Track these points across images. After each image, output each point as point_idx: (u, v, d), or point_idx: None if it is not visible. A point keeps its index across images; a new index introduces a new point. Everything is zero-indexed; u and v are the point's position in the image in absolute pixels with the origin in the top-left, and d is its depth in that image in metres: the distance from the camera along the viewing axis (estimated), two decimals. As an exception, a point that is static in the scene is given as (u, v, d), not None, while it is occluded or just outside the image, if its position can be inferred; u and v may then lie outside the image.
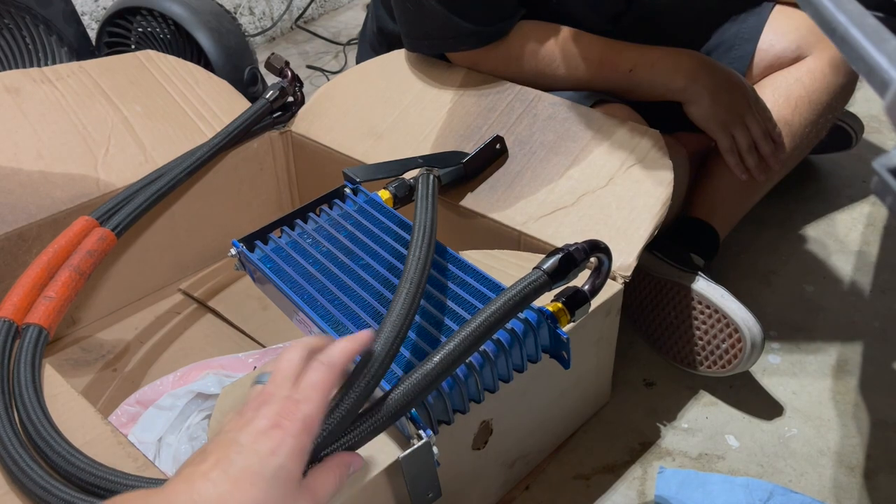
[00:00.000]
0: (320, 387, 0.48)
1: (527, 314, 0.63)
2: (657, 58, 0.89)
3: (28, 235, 0.83)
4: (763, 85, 1.00)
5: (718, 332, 0.83)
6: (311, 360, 0.50)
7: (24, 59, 1.14)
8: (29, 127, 0.90)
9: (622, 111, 0.91)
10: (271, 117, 1.02)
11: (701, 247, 0.93)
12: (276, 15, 1.88)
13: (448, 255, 0.71)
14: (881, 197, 0.30)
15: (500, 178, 0.88)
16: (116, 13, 1.23)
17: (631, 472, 0.80)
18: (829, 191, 1.20)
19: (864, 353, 0.92)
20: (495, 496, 0.76)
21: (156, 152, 0.94)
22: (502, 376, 0.63)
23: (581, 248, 0.61)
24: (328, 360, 0.50)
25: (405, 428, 0.58)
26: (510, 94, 0.94)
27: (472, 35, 0.93)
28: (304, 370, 0.49)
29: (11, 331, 0.69)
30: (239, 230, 0.78)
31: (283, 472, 0.44)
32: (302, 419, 0.46)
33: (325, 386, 0.48)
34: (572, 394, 0.80)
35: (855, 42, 0.32)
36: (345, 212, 0.78)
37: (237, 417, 0.47)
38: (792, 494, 0.74)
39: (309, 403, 0.47)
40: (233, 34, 1.23)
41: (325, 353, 0.50)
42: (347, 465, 0.50)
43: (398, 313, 0.56)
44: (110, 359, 0.89)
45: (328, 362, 0.50)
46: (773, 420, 0.84)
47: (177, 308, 0.97)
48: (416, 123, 0.97)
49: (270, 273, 0.72)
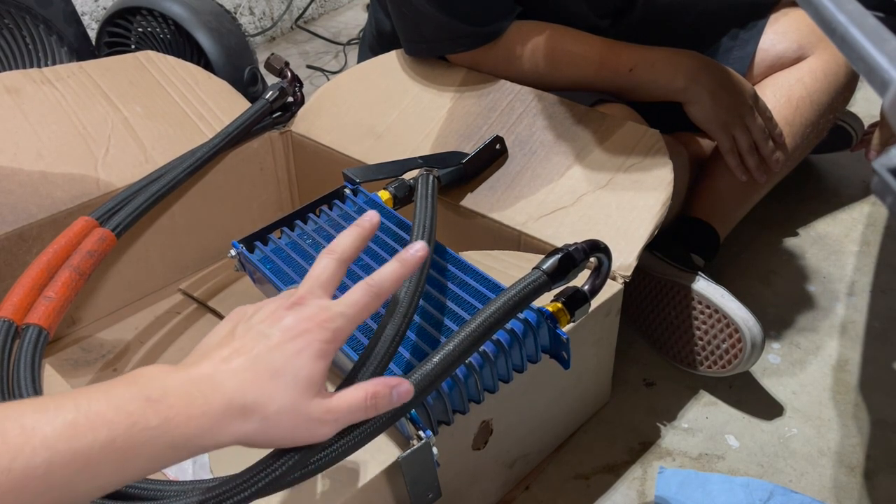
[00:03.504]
0: (360, 307, 0.48)
1: (526, 314, 0.63)
2: (657, 58, 0.89)
3: (28, 235, 0.83)
4: (764, 85, 1.00)
5: (718, 332, 0.83)
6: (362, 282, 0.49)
7: (24, 59, 1.14)
8: (29, 127, 0.90)
9: (622, 111, 0.91)
10: (271, 117, 1.02)
11: (701, 247, 0.93)
12: (276, 15, 1.88)
13: (448, 255, 0.71)
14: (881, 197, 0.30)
15: (500, 178, 0.88)
16: (116, 13, 1.23)
17: (631, 472, 0.80)
18: (829, 191, 1.20)
19: (864, 353, 0.92)
20: (495, 496, 0.76)
21: (156, 152, 0.94)
22: (502, 376, 0.63)
23: (581, 248, 0.61)
24: (377, 286, 0.50)
25: (405, 428, 0.58)
26: (510, 94, 0.94)
27: (467, 36, 0.93)
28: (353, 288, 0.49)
29: (11, 331, 0.69)
30: (239, 230, 0.78)
31: (304, 372, 0.45)
32: (333, 330, 0.46)
33: (365, 308, 0.49)
34: (572, 394, 0.80)
35: (855, 42, 0.32)
36: (344, 212, 0.78)
37: (264, 310, 0.47)
38: (792, 494, 0.74)
39: (342, 319, 0.47)
40: (233, 34, 1.23)
41: (376, 277, 0.50)
42: (388, 387, 0.48)
43: (397, 314, 0.56)
44: (110, 359, 0.89)
45: (376, 287, 0.49)
46: (773, 420, 0.84)
47: (177, 308, 0.97)
48: (416, 123, 0.97)
49: (270, 274, 0.72)
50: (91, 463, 0.38)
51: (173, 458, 0.41)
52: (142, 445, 0.39)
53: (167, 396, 0.41)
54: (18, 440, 0.36)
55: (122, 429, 0.39)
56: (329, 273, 0.50)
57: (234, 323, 0.48)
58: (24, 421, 0.37)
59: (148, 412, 0.40)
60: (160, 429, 0.40)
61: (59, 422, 0.38)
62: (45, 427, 0.37)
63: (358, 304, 0.48)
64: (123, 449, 0.39)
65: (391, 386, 0.49)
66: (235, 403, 0.43)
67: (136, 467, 0.40)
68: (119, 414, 0.39)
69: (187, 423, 0.41)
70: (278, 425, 0.44)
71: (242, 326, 0.47)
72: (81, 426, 0.38)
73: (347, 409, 0.47)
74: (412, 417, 0.57)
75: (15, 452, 0.36)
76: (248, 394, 0.43)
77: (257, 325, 0.46)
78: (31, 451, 0.36)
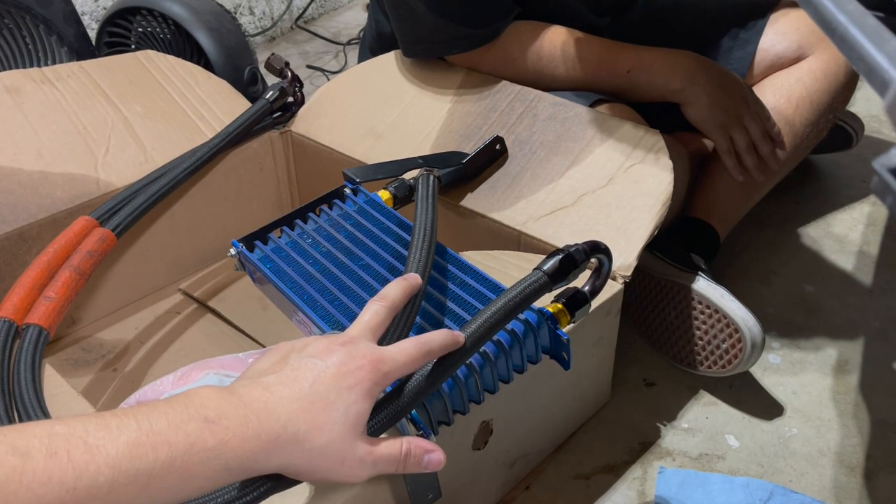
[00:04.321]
0: (410, 357, 0.50)
1: (527, 315, 0.63)
2: (655, 59, 0.89)
3: (28, 235, 0.83)
4: (764, 85, 1.00)
5: (718, 332, 0.83)
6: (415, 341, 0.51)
7: (24, 59, 1.14)
8: (29, 127, 0.90)
9: (622, 111, 0.91)
10: (271, 117, 1.02)
11: (701, 247, 0.93)
12: (276, 15, 1.88)
13: (448, 255, 0.71)
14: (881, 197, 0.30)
15: (500, 179, 0.88)
16: (116, 13, 1.23)
17: (631, 472, 0.80)
18: (829, 191, 1.20)
19: (864, 353, 0.92)
20: (495, 496, 0.76)
21: (156, 152, 0.94)
22: (502, 377, 0.63)
23: (581, 249, 0.61)
24: (427, 346, 0.51)
25: (405, 428, 0.58)
26: (510, 94, 0.94)
27: (463, 38, 0.93)
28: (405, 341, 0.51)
29: (11, 331, 0.69)
30: (239, 230, 0.78)
31: (354, 408, 0.46)
32: (384, 373, 0.48)
33: (414, 361, 0.50)
34: (572, 394, 0.80)
35: (855, 42, 0.32)
36: (345, 212, 0.78)
37: (316, 344, 0.48)
38: (792, 494, 0.74)
39: (393, 365, 0.49)
40: (233, 34, 1.23)
41: (428, 338, 0.52)
42: (423, 451, 0.50)
43: (398, 314, 0.56)
44: (110, 359, 0.89)
45: (427, 346, 0.51)
46: (773, 420, 0.84)
47: (177, 308, 0.97)
48: (416, 123, 0.97)
49: (270, 273, 0.72)
50: (152, 483, 0.39)
51: (227, 479, 0.42)
52: (199, 466, 0.40)
53: (223, 418, 0.42)
54: (83, 458, 0.37)
55: (181, 449, 0.40)
56: (379, 319, 0.52)
57: (285, 353, 0.49)
58: (89, 438, 0.37)
59: (205, 433, 0.41)
60: (216, 450, 0.41)
61: (122, 441, 0.38)
62: (109, 446, 0.38)
63: (408, 353, 0.50)
64: (182, 469, 0.40)
65: (425, 450, 0.51)
66: (289, 430, 0.44)
67: (192, 487, 0.41)
68: (178, 434, 0.40)
69: (241, 446, 0.42)
70: (324, 457, 0.45)
71: (295, 357, 0.48)
72: (143, 446, 0.39)
73: (386, 458, 0.48)
74: (412, 417, 0.57)
75: (80, 471, 0.36)
76: (301, 422, 0.44)
77: (309, 357, 0.47)
78: (95, 470, 0.37)
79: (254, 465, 0.43)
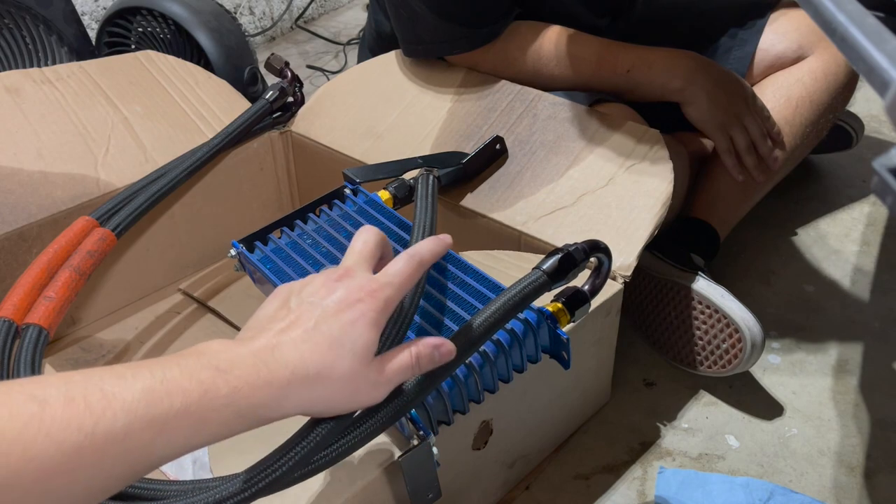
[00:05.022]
0: (405, 277, 0.50)
1: (526, 314, 0.63)
2: (655, 58, 0.89)
3: (28, 235, 0.83)
4: (764, 85, 1.00)
5: (718, 332, 0.83)
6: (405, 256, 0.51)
7: (24, 59, 1.14)
8: (29, 127, 0.90)
9: (622, 111, 0.91)
10: (271, 117, 1.02)
11: (701, 247, 0.93)
12: (276, 15, 1.88)
13: (448, 255, 0.71)
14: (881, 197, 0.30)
15: (500, 178, 0.88)
16: (116, 13, 1.23)
17: (631, 472, 0.80)
18: (829, 191, 1.20)
19: (864, 353, 0.92)
20: (495, 496, 0.76)
21: (156, 152, 0.94)
22: (502, 376, 0.63)
23: (581, 248, 0.61)
24: (417, 255, 0.51)
25: (405, 428, 0.58)
26: (510, 94, 0.94)
27: (463, 38, 0.93)
28: (395, 259, 0.51)
29: (11, 331, 0.69)
30: (239, 230, 0.78)
31: (361, 340, 0.46)
32: (384, 300, 0.48)
33: (409, 277, 0.50)
34: (572, 394, 0.80)
35: (855, 42, 0.32)
36: (345, 212, 0.78)
37: (313, 284, 0.49)
38: (792, 494, 0.74)
39: (391, 288, 0.49)
40: (233, 34, 1.23)
41: (417, 248, 0.52)
42: (431, 348, 0.50)
43: (399, 313, 0.56)
44: (110, 359, 0.89)
45: (417, 257, 0.51)
46: (773, 420, 0.84)
47: (177, 308, 0.97)
48: (416, 123, 0.97)
49: (270, 274, 0.72)
50: (167, 428, 0.39)
51: (241, 426, 0.43)
52: (213, 413, 0.41)
53: (234, 367, 0.42)
54: (100, 405, 0.37)
55: (195, 396, 0.40)
56: (371, 246, 0.52)
57: (285, 297, 0.49)
58: (105, 386, 0.38)
59: (218, 381, 0.41)
60: (229, 398, 0.41)
61: (137, 388, 0.39)
62: (125, 393, 0.38)
63: (403, 274, 0.50)
64: (196, 415, 0.40)
65: (434, 346, 0.50)
66: (299, 373, 0.44)
67: (207, 433, 0.41)
68: (192, 382, 0.41)
69: (253, 393, 0.42)
70: (340, 391, 0.46)
71: (295, 300, 0.48)
72: (158, 392, 0.39)
73: (398, 370, 0.49)
74: (412, 417, 0.57)
75: (97, 417, 0.37)
76: (310, 364, 0.44)
77: (309, 297, 0.48)
78: (112, 416, 0.37)
79: (267, 413, 0.44)
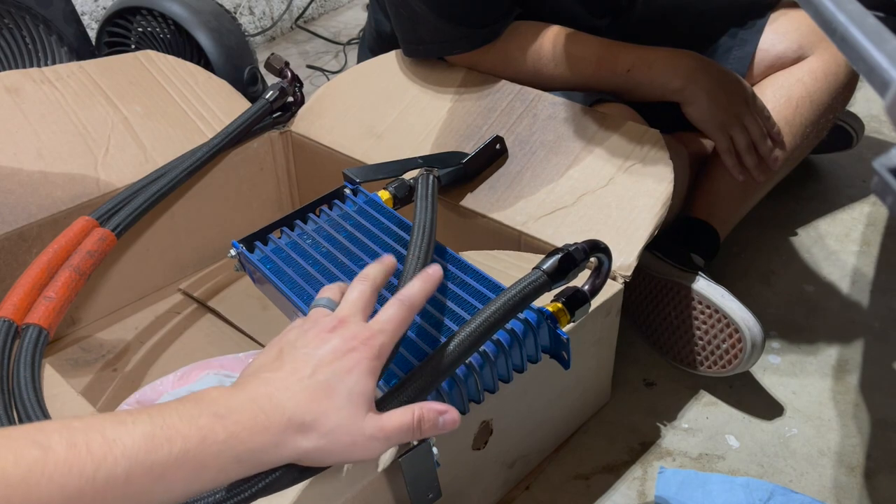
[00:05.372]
0: (396, 323, 0.51)
1: (526, 314, 0.63)
2: (655, 58, 0.89)
3: (28, 235, 0.83)
4: (764, 85, 1.00)
5: (719, 332, 0.83)
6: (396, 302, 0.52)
7: (24, 59, 1.14)
8: (29, 127, 0.90)
9: (622, 111, 0.91)
10: (271, 117, 1.02)
11: (701, 247, 0.93)
12: (276, 15, 1.88)
13: (448, 255, 0.71)
14: (881, 197, 0.30)
15: (500, 178, 0.88)
16: (116, 13, 1.23)
17: (631, 472, 0.80)
18: (829, 191, 1.20)
19: (864, 353, 0.92)
20: (495, 496, 0.76)
21: (156, 152, 0.94)
22: (502, 376, 0.63)
23: (581, 248, 0.61)
24: (407, 300, 0.52)
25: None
26: (510, 94, 0.94)
27: (463, 38, 0.93)
28: (386, 305, 0.51)
29: (11, 331, 0.69)
30: (239, 230, 0.78)
31: (357, 389, 0.47)
32: (378, 347, 0.49)
33: (401, 322, 0.51)
34: (572, 394, 0.80)
35: (855, 42, 0.32)
36: (344, 212, 0.78)
37: (308, 334, 0.49)
38: (792, 494, 0.74)
39: (384, 336, 0.49)
40: (233, 34, 1.23)
41: (404, 291, 0.53)
42: (436, 413, 0.50)
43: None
44: (110, 359, 0.89)
45: (408, 302, 0.52)
46: (773, 420, 0.84)
47: (177, 308, 0.97)
48: (416, 123, 0.97)
49: (270, 274, 0.72)
50: (167, 474, 0.40)
51: (239, 471, 0.44)
52: (211, 458, 0.42)
53: (232, 413, 0.43)
54: (101, 450, 0.38)
55: (194, 442, 0.41)
56: (366, 298, 0.53)
57: (280, 347, 0.50)
58: (106, 432, 0.39)
59: (216, 427, 0.42)
60: (227, 443, 0.42)
61: (137, 433, 0.40)
62: (125, 438, 0.39)
63: (395, 320, 0.51)
64: (195, 461, 0.41)
65: (438, 412, 0.50)
66: (295, 421, 0.45)
67: (206, 478, 0.42)
68: (191, 427, 0.41)
69: (252, 438, 0.43)
70: (336, 441, 0.46)
71: (290, 350, 0.49)
72: (158, 438, 0.40)
73: (398, 429, 0.48)
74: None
75: (99, 462, 0.38)
76: (306, 411, 0.45)
77: (304, 347, 0.48)
78: (112, 461, 0.38)
79: (265, 457, 0.44)
